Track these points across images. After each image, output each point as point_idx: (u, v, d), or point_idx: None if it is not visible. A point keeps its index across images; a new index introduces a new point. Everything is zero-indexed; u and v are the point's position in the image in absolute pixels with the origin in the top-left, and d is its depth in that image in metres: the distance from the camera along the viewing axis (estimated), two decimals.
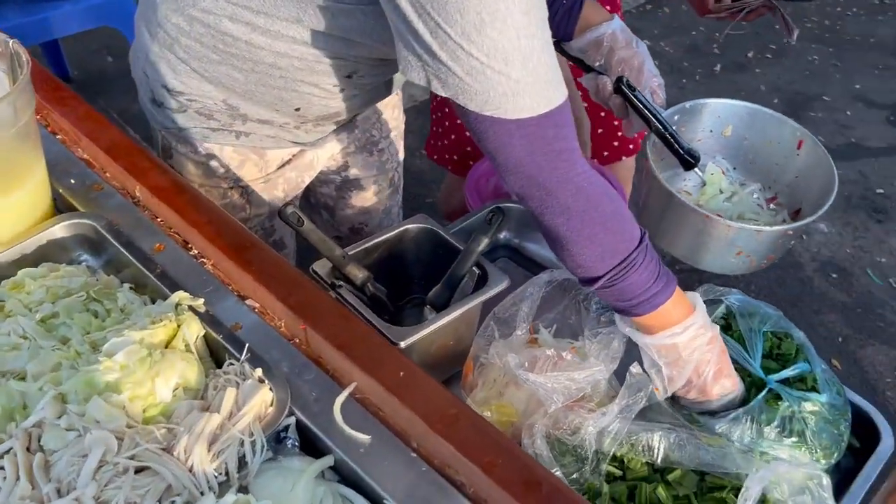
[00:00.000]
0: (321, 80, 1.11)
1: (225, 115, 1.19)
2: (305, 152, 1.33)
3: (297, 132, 1.25)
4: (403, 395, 0.77)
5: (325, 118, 1.23)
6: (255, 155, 1.27)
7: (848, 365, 2.42)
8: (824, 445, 1.02)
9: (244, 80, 1.11)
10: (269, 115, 1.19)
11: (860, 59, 4.10)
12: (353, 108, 1.25)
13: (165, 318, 0.86)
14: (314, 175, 1.40)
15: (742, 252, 1.23)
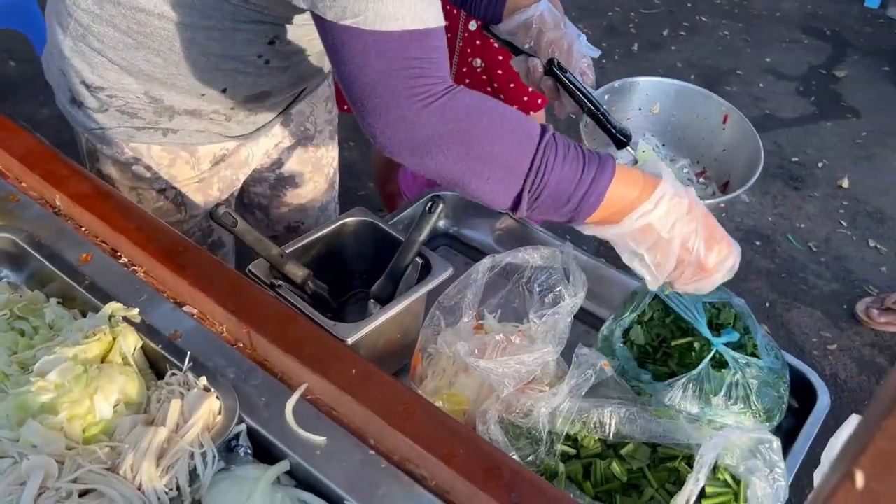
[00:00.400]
0: (242, 51, 1.06)
1: (149, 111, 1.14)
2: (240, 149, 1.28)
3: (229, 124, 1.20)
4: (357, 392, 0.75)
5: (255, 101, 1.17)
6: (186, 152, 1.21)
7: (776, 328, 2.51)
8: (767, 409, 1.05)
9: (164, 64, 1.06)
10: (196, 104, 1.14)
11: (768, 33, 4.25)
12: (283, 87, 1.19)
13: (99, 331, 0.82)
14: (249, 172, 1.36)
15: None
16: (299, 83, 1.24)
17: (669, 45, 4.06)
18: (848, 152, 3.38)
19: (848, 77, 3.92)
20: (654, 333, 1.15)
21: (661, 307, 1.15)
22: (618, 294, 1.27)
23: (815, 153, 3.35)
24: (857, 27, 4.39)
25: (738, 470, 0.92)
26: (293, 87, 1.23)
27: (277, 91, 1.18)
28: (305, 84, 1.26)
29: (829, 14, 4.50)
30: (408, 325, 1.15)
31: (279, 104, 1.25)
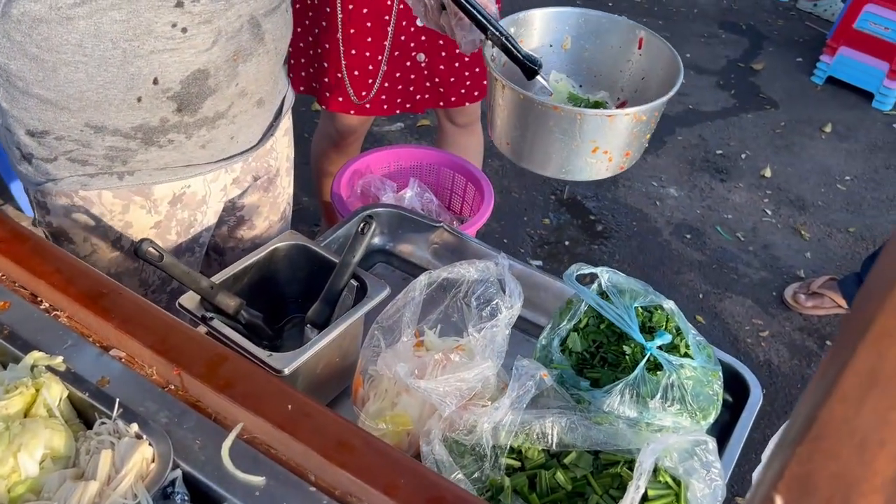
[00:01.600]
0: (153, 22, 1.02)
1: (100, 155, 1.11)
2: (196, 191, 1.24)
3: (186, 142, 1.15)
4: (294, 429, 0.74)
5: (194, 86, 1.11)
6: (141, 196, 1.18)
7: (710, 319, 2.58)
8: (702, 407, 1.07)
9: (87, 78, 1.03)
10: (138, 117, 1.09)
11: (687, 29, 4.38)
12: (220, 63, 1.13)
13: (21, 384, 0.79)
14: (207, 213, 1.30)
15: (598, 147, 1.17)
16: (238, 57, 1.16)
17: None
18: (769, 142, 3.51)
19: (765, 69, 4.06)
20: (591, 340, 1.17)
21: (595, 314, 1.17)
22: (554, 301, 1.29)
23: (737, 145, 3.46)
24: (771, 20, 4.55)
25: (677, 472, 0.94)
26: (231, 61, 1.16)
27: (215, 70, 1.13)
28: (247, 60, 1.18)
29: (743, 8, 4.65)
30: (347, 348, 1.14)
31: (227, 102, 1.18)
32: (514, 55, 1.15)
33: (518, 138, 1.21)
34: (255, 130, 1.28)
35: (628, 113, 1.14)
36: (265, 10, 1.16)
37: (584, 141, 1.15)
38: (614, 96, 1.35)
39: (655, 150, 3.38)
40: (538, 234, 2.87)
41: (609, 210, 3.03)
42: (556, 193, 3.09)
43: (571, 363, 1.14)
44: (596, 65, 1.34)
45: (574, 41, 1.34)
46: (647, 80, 1.30)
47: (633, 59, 1.31)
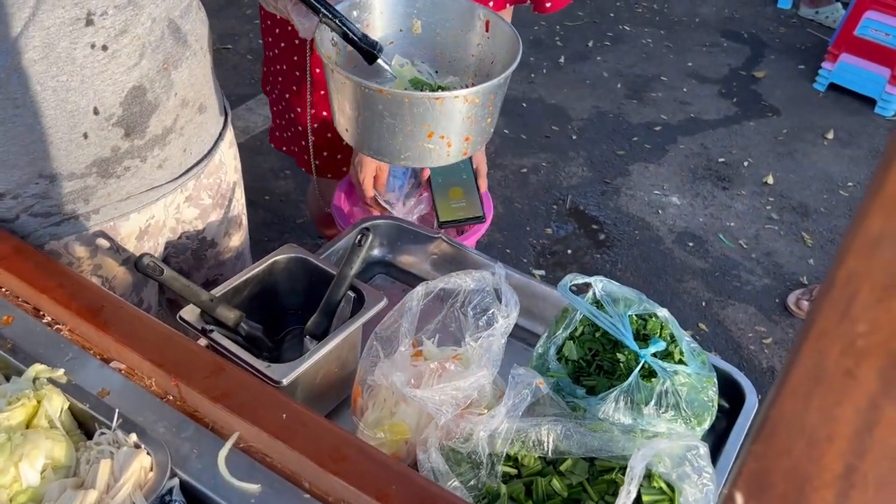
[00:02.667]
0: (71, 49, 0.99)
1: (62, 200, 1.08)
2: (159, 218, 1.25)
3: (142, 166, 1.14)
4: (288, 437, 0.76)
5: (135, 105, 1.09)
6: (105, 240, 1.16)
7: (713, 326, 2.58)
8: (697, 413, 1.08)
9: (27, 130, 1.01)
10: (89, 154, 1.07)
11: (689, 38, 4.40)
12: (153, 76, 1.10)
13: (23, 395, 0.81)
14: (165, 234, 1.31)
15: (433, 132, 1.11)
16: (170, 66, 1.13)
17: (595, 56, 4.16)
18: (771, 149, 3.51)
19: (767, 77, 4.07)
20: (587, 348, 1.18)
21: (591, 322, 1.18)
22: (552, 310, 1.30)
23: (739, 153, 3.47)
24: (772, 28, 4.57)
25: (671, 477, 0.95)
26: (165, 75, 1.13)
27: (150, 83, 1.10)
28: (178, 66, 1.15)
29: (745, 17, 4.67)
30: (345, 359, 1.16)
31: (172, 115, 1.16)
32: (351, 39, 1.12)
33: (354, 125, 1.16)
34: (205, 138, 1.27)
35: (458, 95, 1.08)
36: (180, 11, 1.14)
37: (417, 125, 1.10)
38: (465, 81, 1.29)
39: (657, 159, 3.39)
40: (540, 244, 2.89)
41: (611, 219, 3.04)
42: (558, 203, 3.10)
43: (568, 371, 1.15)
44: (447, 49, 1.29)
45: (424, 25, 1.28)
46: (494, 64, 1.24)
47: (482, 43, 1.25)
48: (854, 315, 0.29)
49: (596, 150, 3.42)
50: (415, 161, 1.16)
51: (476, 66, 1.28)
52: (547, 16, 4.67)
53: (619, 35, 4.38)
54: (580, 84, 3.90)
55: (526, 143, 3.43)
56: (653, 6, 4.70)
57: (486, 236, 2.83)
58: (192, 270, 1.44)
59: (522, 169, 3.27)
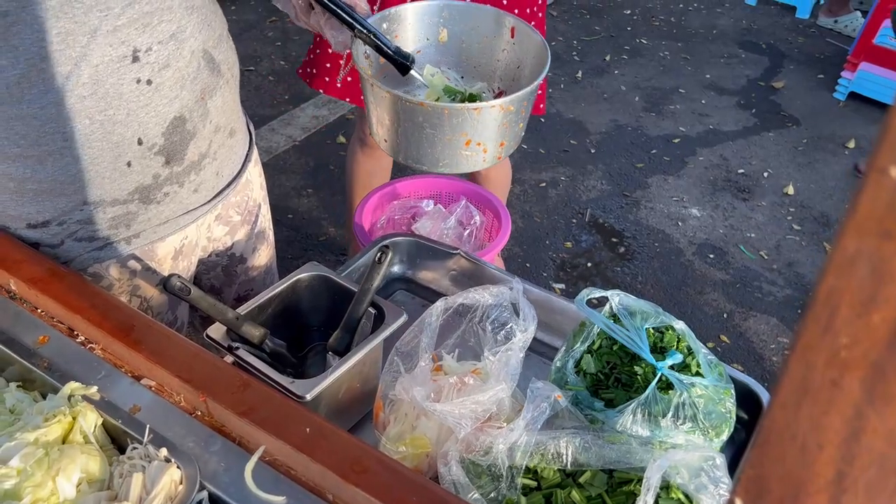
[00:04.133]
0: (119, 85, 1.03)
1: (104, 225, 1.13)
2: (192, 239, 1.29)
3: (179, 191, 1.18)
4: (312, 450, 0.79)
5: (175, 135, 1.13)
6: (146, 259, 1.21)
7: (735, 338, 2.58)
8: (715, 425, 1.09)
9: (74, 161, 1.05)
10: (132, 181, 1.11)
11: (706, 50, 4.40)
12: (192, 105, 1.15)
13: (59, 412, 0.84)
14: (198, 256, 1.35)
15: (471, 140, 1.17)
16: (206, 96, 1.18)
17: (613, 70, 4.18)
18: (791, 160, 3.50)
19: (785, 87, 4.06)
20: (605, 361, 1.19)
21: (608, 336, 1.20)
22: (570, 324, 1.32)
23: (759, 163, 3.47)
24: (791, 38, 4.56)
25: (688, 488, 0.96)
26: (202, 104, 1.17)
27: (189, 113, 1.15)
28: (213, 96, 1.19)
29: (763, 27, 4.67)
30: (367, 374, 1.18)
31: (206, 142, 1.20)
32: (385, 52, 1.16)
33: (394, 136, 1.21)
34: (235, 161, 1.31)
35: (494, 105, 1.13)
36: (213, 42, 1.18)
37: (455, 134, 1.15)
38: (493, 86, 1.34)
39: (677, 171, 3.40)
40: (560, 258, 2.90)
41: (631, 232, 3.05)
42: (577, 217, 3.12)
43: (586, 384, 1.17)
44: (473, 55, 1.34)
45: (450, 33, 1.33)
46: (521, 69, 1.29)
47: (508, 48, 1.30)
48: (836, 329, 0.31)
49: (615, 163, 3.44)
50: (453, 168, 1.20)
51: (503, 70, 1.32)
52: (564, 30, 4.70)
53: (637, 48, 4.40)
54: (598, 98, 3.92)
55: (544, 158, 3.45)
56: (670, 19, 4.71)
57: (506, 250, 2.85)
58: (223, 287, 1.49)
59: (541, 183, 3.29)
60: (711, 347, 2.54)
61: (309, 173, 3.23)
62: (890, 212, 0.28)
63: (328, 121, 3.63)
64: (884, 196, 0.28)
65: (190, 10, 1.12)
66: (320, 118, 3.65)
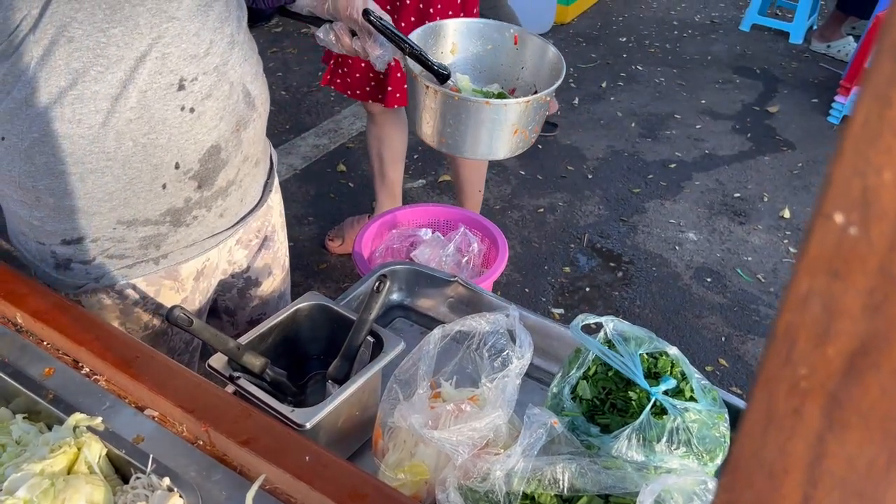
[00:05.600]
0: (164, 111, 1.09)
1: (135, 245, 1.18)
2: (214, 261, 1.34)
3: (207, 215, 1.23)
4: (312, 479, 0.80)
5: (210, 162, 1.19)
6: (170, 279, 1.26)
7: (734, 362, 2.59)
8: (709, 449, 1.11)
9: (113, 180, 1.10)
10: (165, 203, 1.16)
11: (701, 76, 4.46)
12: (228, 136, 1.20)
13: (64, 443, 0.86)
14: (218, 278, 1.40)
15: (518, 128, 1.37)
16: (241, 127, 1.23)
17: (609, 96, 4.23)
18: (786, 183, 3.54)
19: (780, 111, 4.11)
20: (600, 387, 1.21)
21: (603, 361, 1.22)
22: (566, 349, 1.33)
23: (755, 187, 3.50)
24: (785, 63, 4.62)
25: None
26: (237, 135, 1.22)
27: (225, 143, 1.19)
28: (246, 128, 1.25)
29: (757, 53, 4.73)
30: (366, 402, 1.20)
31: (235, 170, 1.25)
32: (429, 65, 1.34)
33: (451, 133, 1.38)
34: (257, 188, 1.37)
35: (539, 97, 1.35)
36: (251, 77, 1.24)
37: (508, 124, 1.35)
38: (506, 86, 1.55)
39: (673, 196, 3.43)
40: (559, 283, 2.92)
41: (629, 256, 3.07)
42: (575, 242, 3.15)
43: (582, 410, 1.19)
44: (482, 62, 1.56)
45: (460, 46, 1.55)
46: (525, 69, 1.52)
47: (511, 54, 1.53)
48: (795, 360, 0.34)
49: (612, 188, 3.47)
50: (497, 153, 1.42)
51: (508, 72, 1.54)
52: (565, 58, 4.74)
53: (633, 75, 4.45)
54: (594, 124, 3.96)
55: (542, 184, 3.48)
56: (665, 46, 4.78)
57: (505, 276, 2.87)
58: (237, 309, 1.52)
59: (539, 209, 3.32)
60: (710, 371, 2.55)
61: (309, 202, 3.27)
62: (836, 253, 0.30)
63: (328, 149, 3.67)
64: (830, 239, 0.30)
65: (232, 44, 1.18)
66: (321, 147, 3.69)
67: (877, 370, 0.32)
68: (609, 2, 5.32)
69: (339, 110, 3.93)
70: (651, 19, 5.11)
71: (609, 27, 4.99)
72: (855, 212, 0.29)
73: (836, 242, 0.30)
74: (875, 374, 0.32)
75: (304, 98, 4.07)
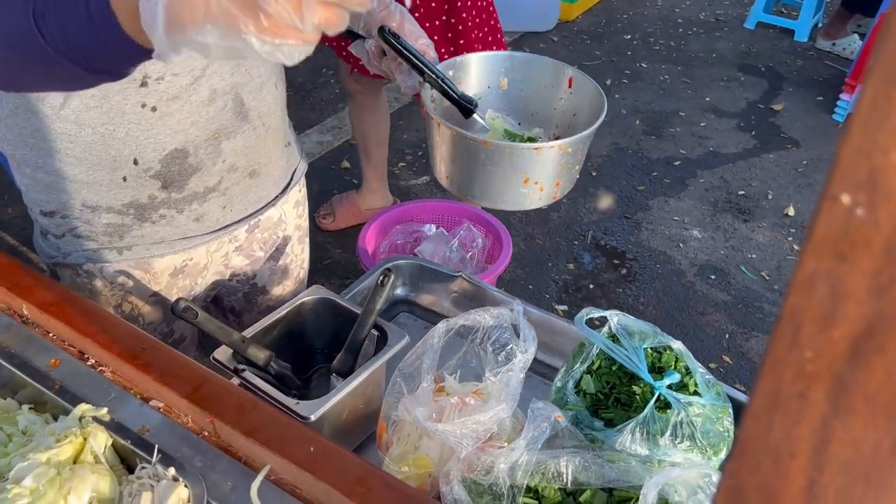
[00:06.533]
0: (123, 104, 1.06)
1: (99, 231, 1.19)
2: (199, 261, 1.31)
3: (177, 216, 1.20)
4: (316, 469, 0.81)
5: (174, 165, 1.15)
6: (140, 270, 1.25)
7: (738, 359, 2.59)
8: (713, 443, 1.11)
9: (76, 162, 1.11)
10: (126, 195, 1.15)
11: (706, 73, 4.45)
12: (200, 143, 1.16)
13: (70, 433, 0.86)
14: (209, 278, 1.37)
15: (529, 178, 1.25)
16: (221, 136, 1.18)
17: (613, 94, 4.23)
18: (791, 181, 3.53)
19: (785, 109, 4.10)
20: (604, 381, 1.21)
21: (607, 356, 1.22)
22: (570, 344, 1.34)
23: (759, 185, 3.49)
24: (790, 61, 4.61)
25: None
26: (213, 144, 1.17)
27: (195, 149, 1.16)
28: (231, 137, 1.19)
29: (762, 51, 4.72)
30: (370, 395, 1.21)
31: (216, 178, 1.21)
32: (451, 96, 1.24)
33: (456, 172, 1.28)
34: (253, 200, 1.31)
35: (553, 146, 1.21)
36: (250, 89, 1.19)
37: (515, 172, 1.23)
38: (549, 132, 1.43)
39: (678, 193, 3.43)
40: (563, 280, 2.92)
41: (633, 253, 3.07)
42: (579, 239, 3.14)
43: (586, 404, 1.19)
44: (531, 103, 1.42)
45: (510, 82, 1.42)
46: (577, 116, 1.38)
47: (565, 97, 1.39)
48: (801, 344, 0.34)
49: (616, 185, 3.47)
50: (508, 204, 1.29)
51: (559, 118, 1.40)
52: (565, 56, 4.76)
53: (637, 73, 4.45)
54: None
55: None
56: (669, 43, 4.77)
57: (509, 272, 2.87)
58: (243, 311, 1.52)
59: None
60: (713, 368, 2.55)
61: (313, 199, 3.26)
62: (843, 235, 0.31)
63: (332, 146, 3.67)
64: (836, 221, 0.30)
65: None
66: (324, 144, 3.69)
67: (882, 353, 0.32)
68: None
69: (343, 107, 3.93)
70: (655, 17, 5.11)
71: (613, 24, 4.99)
72: (862, 193, 0.29)
73: (843, 224, 0.30)
74: (881, 358, 0.32)
75: (307, 95, 4.07)
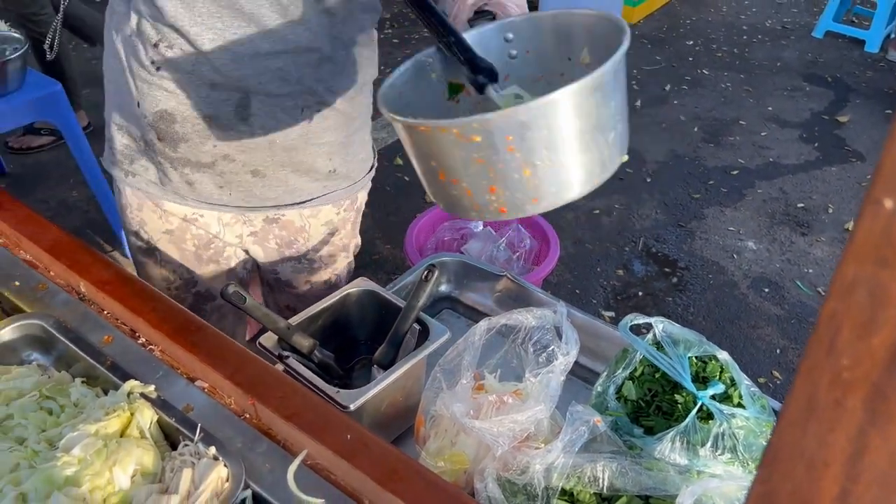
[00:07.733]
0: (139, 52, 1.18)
1: (119, 151, 1.31)
2: (209, 222, 1.37)
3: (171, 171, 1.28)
4: (352, 457, 0.82)
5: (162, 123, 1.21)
6: (151, 202, 1.33)
7: (788, 375, 2.52)
8: (755, 457, 1.09)
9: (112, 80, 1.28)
10: (138, 127, 1.26)
11: (769, 82, 4.34)
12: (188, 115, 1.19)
13: (118, 408, 0.89)
14: (226, 239, 1.40)
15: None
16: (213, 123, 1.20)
17: (672, 100, 4.16)
18: (854, 195, 3.42)
19: (851, 121, 3.98)
20: (646, 388, 1.20)
21: (650, 363, 1.20)
22: (614, 349, 1.32)
23: (820, 198, 3.40)
24: (858, 72, 4.47)
25: None
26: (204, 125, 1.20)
27: (182, 119, 1.20)
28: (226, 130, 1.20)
29: (829, 61, 4.59)
30: (409, 389, 1.21)
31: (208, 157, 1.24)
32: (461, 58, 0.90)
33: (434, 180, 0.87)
34: (256, 195, 1.31)
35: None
36: (265, 93, 1.17)
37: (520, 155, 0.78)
38: None
39: (734, 203, 3.36)
40: (611, 286, 2.89)
41: (685, 262, 3.02)
42: (630, 245, 3.11)
43: (627, 411, 1.17)
44: None
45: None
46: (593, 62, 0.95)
47: None
48: (839, 350, 0.33)
49: (671, 192, 3.42)
50: None
51: None
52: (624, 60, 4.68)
53: (698, 79, 4.37)
54: (656, 127, 3.90)
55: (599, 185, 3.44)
56: (733, 50, 4.67)
57: (556, 276, 2.86)
58: (266, 297, 1.57)
59: (595, 210, 3.29)
60: (763, 383, 2.49)
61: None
62: (885, 240, 0.30)
63: (387, 143, 3.70)
64: (879, 225, 0.30)
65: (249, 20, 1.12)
66: (379, 140, 3.73)
67: None
68: (677, 4, 5.23)
69: None
70: (720, 23, 5.01)
71: (676, 30, 4.91)
72: None
73: (885, 228, 0.30)
74: None
75: None
